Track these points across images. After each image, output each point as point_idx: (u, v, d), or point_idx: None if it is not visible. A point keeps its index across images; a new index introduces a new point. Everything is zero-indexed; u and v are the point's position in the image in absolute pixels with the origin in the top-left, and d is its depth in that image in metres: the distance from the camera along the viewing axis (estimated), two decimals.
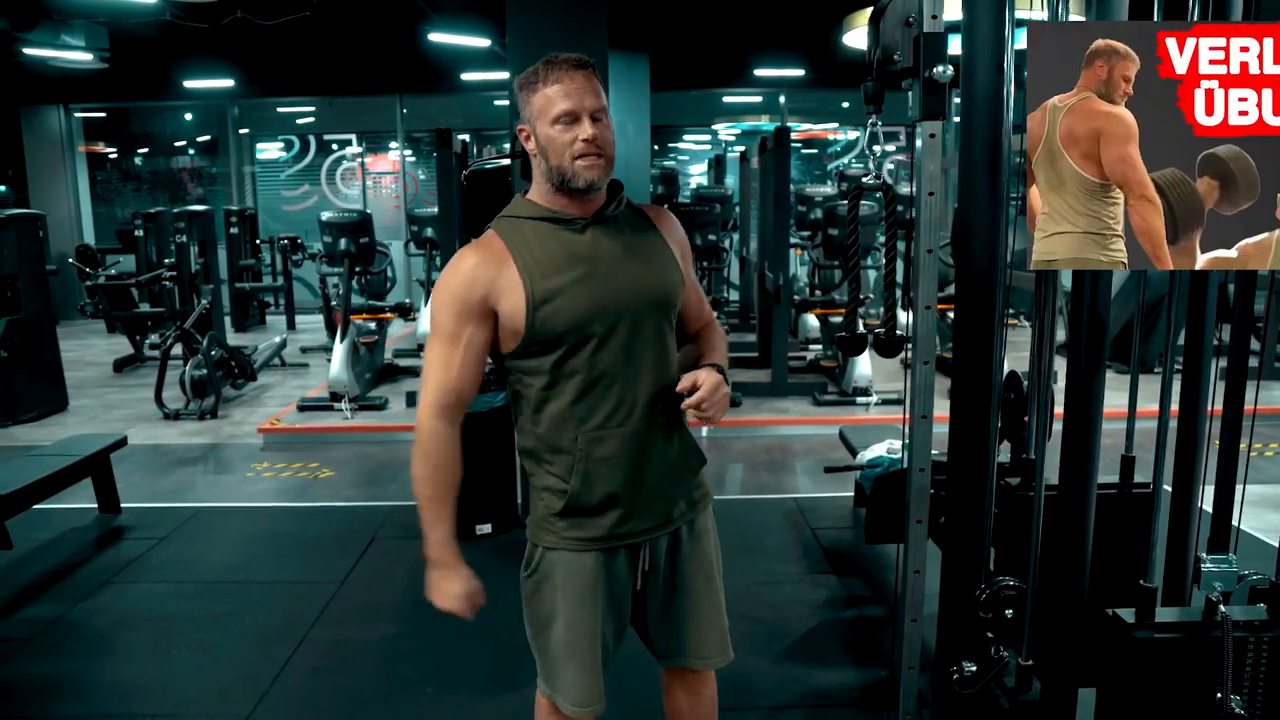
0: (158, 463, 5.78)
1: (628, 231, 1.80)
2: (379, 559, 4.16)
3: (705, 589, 1.93)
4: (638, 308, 1.76)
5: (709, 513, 1.96)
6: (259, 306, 11.63)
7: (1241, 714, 1.78)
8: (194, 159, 13.68)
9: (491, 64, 10.88)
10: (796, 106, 13.06)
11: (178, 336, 7.04)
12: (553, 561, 1.84)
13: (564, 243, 1.73)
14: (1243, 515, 2.09)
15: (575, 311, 1.71)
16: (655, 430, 1.79)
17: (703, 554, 1.93)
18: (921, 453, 1.98)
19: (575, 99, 1.67)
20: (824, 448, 5.76)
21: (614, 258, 1.75)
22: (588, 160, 1.69)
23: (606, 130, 1.70)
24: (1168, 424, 2.00)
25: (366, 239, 6.93)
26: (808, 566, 3.99)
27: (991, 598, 2.15)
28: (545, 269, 1.71)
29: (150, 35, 10.18)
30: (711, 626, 1.94)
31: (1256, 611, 1.87)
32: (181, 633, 3.44)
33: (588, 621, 1.84)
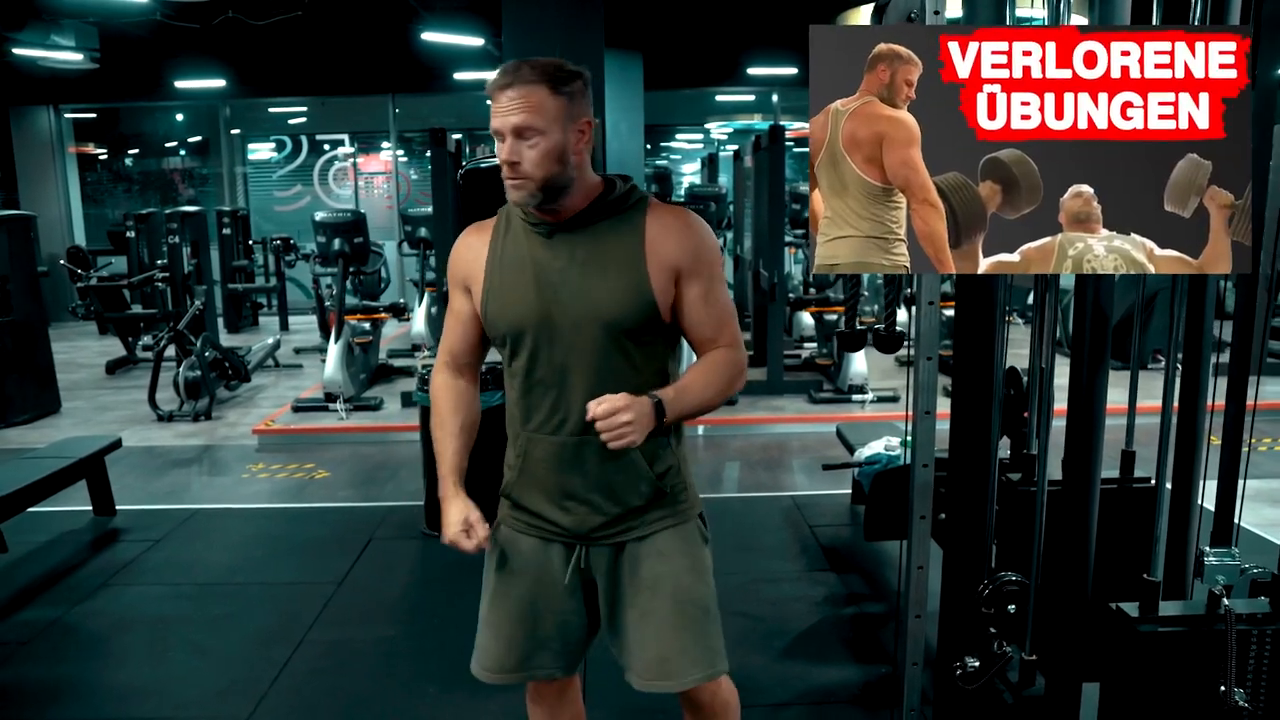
0: (152, 465, 5.76)
1: (598, 242, 1.74)
2: (376, 559, 4.15)
3: (650, 605, 1.83)
4: (578, 321, 1.72)
5: (674, 535, 1.85)
6: (252, 307, 11.61)
7: (1245, 707, 1.79)
8: (185, 160, 13.65)
9: (485, 63, 10.86)
10: (790, 105, 13.07)
11: (171, 338, 7.02)
12: (499, 535, 1.92)
13: (529, 245, 1.75)
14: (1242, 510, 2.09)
15: (512, 315, 1.76)
16: (589, 447, 1.75)
17: (651, 573, 1.83)
18: (925, 449, 1.98)
19: (500, 118, 1.65)
20: (820, 445, 5.76)
21: (568, 268, 1.72)
22: (510, 181, 1.67)
23: (532, 149, 1.64)
24: (1170, 419, 2.00)
25: (360, 239, 6.91)
26: (806, 564, 3.99)
27: (994, 593, 2.15)
28: (505, 267, 1.77)
29: (141, 35, 10.16)
30: (647, 646, 1.84)
31: (1259, 604, 1.87)
32: (179, 635, 3.43)
33: (509, 595, 1.88)
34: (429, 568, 4.08)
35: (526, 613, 1.88)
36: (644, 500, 1.82)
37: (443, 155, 6.20)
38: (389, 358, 8.26)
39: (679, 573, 1.85)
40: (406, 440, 5.79)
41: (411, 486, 5.01)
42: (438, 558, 4.15)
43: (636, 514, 1.83)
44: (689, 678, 1.84)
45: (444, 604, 3.63)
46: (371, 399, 6.84)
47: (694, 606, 1.85)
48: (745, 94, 13.11)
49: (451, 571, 3.97)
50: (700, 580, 1.88)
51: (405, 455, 5.65)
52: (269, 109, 13.24)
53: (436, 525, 4.73)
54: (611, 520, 1.83)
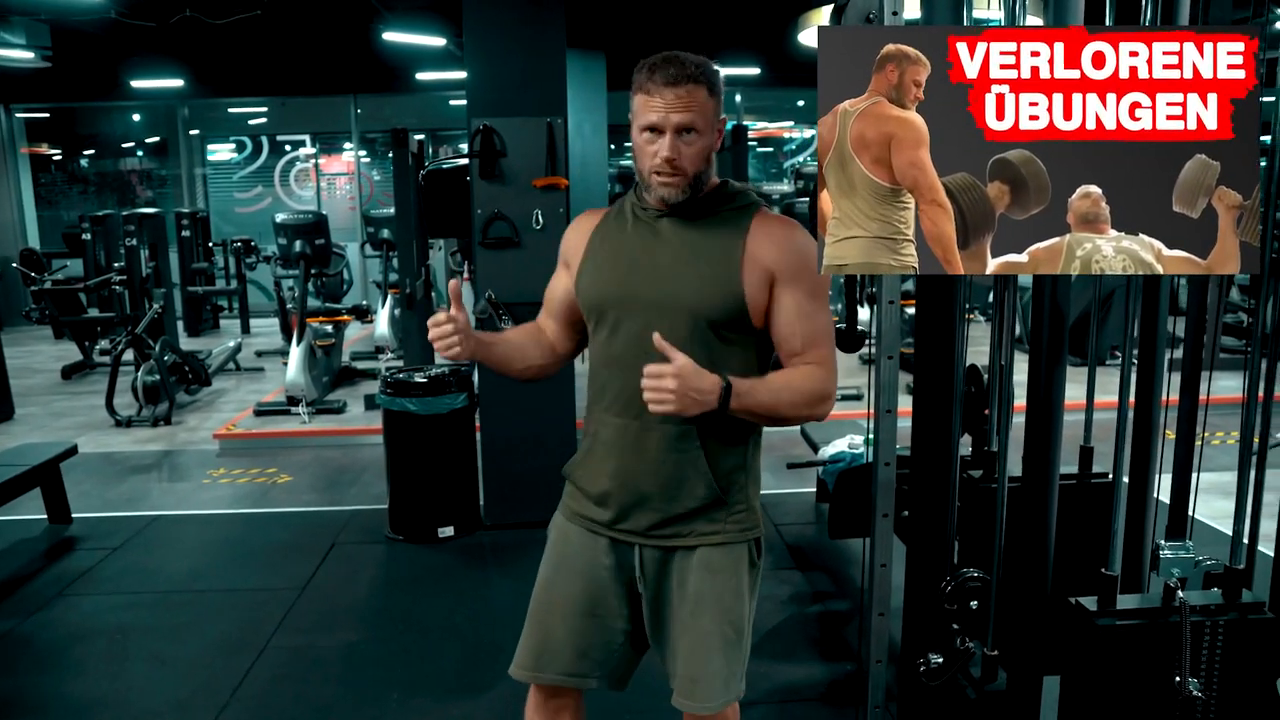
0: (110, 471, 5.66)
1: (700, 232, 1.76)
2: (340, 564, 4.11)
3: (690, 622, 1.79)
4: (661, 304, 1.73)
5: (726, 552, 1.80)
6: (212, 310, 11.44)
7: (1199, 696, 1.82)
8: (143, 161, 13.44)
9: (447, 63, 10.80)
10: (753, 105, 13.14)
11: (129, 342, 6.90)
12: (554, 523, 1.92)
13: (635, 227, 1.80)
14: (1196, 506, 2.13)
15: (598, 290, 1.79)
16: (653, 434, 1.74)
17: (697, 589, 1.78)
18: (887, 447, 1.99)
19: (661, 113, 1.66)
20: (784, 444, 5.78)
21: (665, 251, 1.76)
22: (664, 178, 1.70)
23: (691, 146, 1.69)
24: (1127, 415, 2.03)
25: (322, 240, 6.85)
26: (772, 563, 4.01)
27: (956, 590, 2.17)
28: (605, 245, 1.82)
29: (95, 33, 9.97)
30: (681, 662, 1.80)
31: (1212, 596, 1.91)
32: (138, 644, 3.37)
33: (557, 588, 1.85)
34: (393, 572, 4.05)
35: (562, 602, 1.83)
36: (700, 503, 1.77)
37: (405, 156, 6.15)
38: (352, 360, 8.18)
39: (723, 593, 1.80)
40: (370, 443, 5.75)
41: (375, 490, 4.97)
42: (402, 562, 4.12)
43: (690, 517, 1.78)
44: (717, 702, 1.80)
45: (408, 609, 3.60)
46: (334, 402, 6.77)
47: (732, 629, 1.81)
48: None
49: (416, 576, 3.95)
50: (742, 603, 1.83)
51: (369, 458, 5.60)
52: (228, 109, 13.07)
53: (401, 529, 4.70)
54: (664, 521, 1.78)
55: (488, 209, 4.18)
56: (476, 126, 4.12)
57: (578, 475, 1.87)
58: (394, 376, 4.27)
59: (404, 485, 4.33)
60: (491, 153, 4.12)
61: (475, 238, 4.21)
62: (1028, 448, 2.00)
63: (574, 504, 1.88)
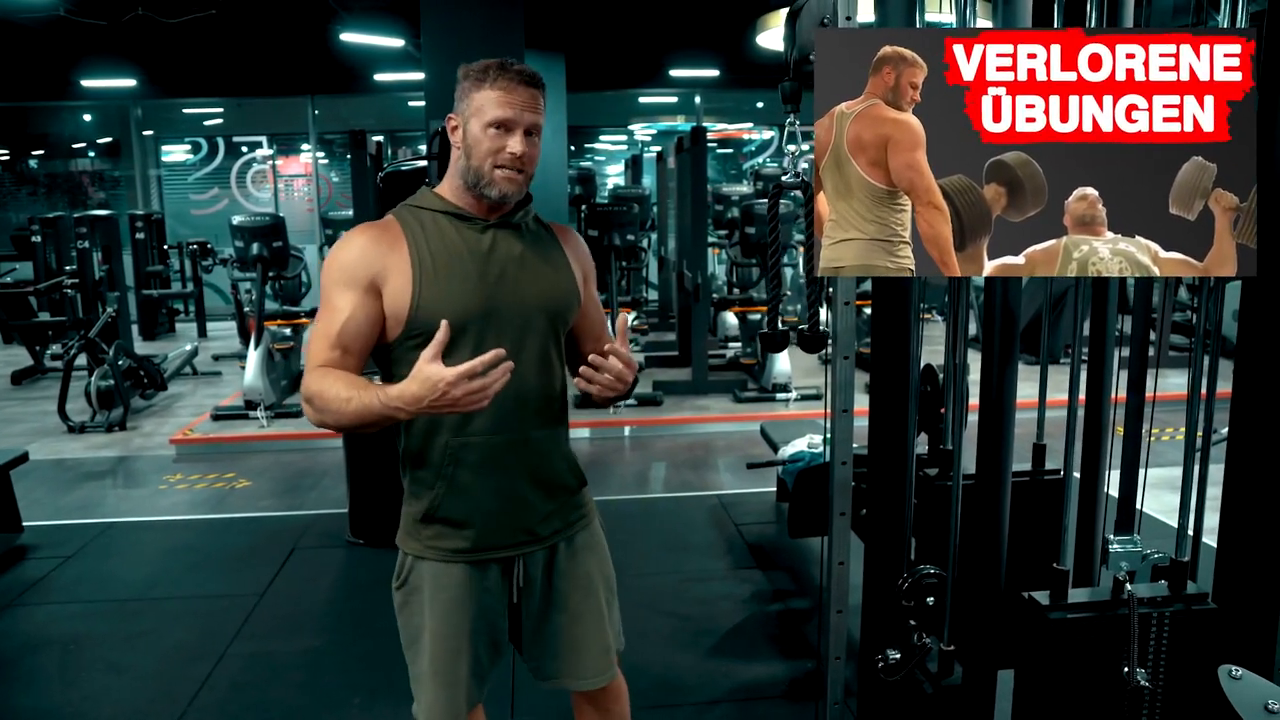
0: (62, 478, 5.56)
1: (529, 240, 1.80)
2: (300, 569, 4.07)
3: (584, 605, 1.87)
4: (524, 313, 1.74)
5: (592, 530, 1.92)
6: (168, 314, 11.27)
7: (1146, 686, 1.87)
8: (95, 161, 13.19)
9: (406, 64, 10.74)
10: (712, 106, 13.19)
11: (82, 346, 6.78)
12: (421, 572, 1.80)
13: (462, 238, 1.73)
14: (1146, 501, 2.18)
15: (457, 305, 1.68)
16: (530, 442, 1.77)
17: (581, 570, 1.88)
18: (843, 447, 2.02)
19: (515, 110, 1.68)
20: (745, 444, 5.83)
21: (509, 261, 1.75)
22: (507, 173, 1.69)
23: (534, 149, 1.72)
24: (1076, 411, 2.07)
25: (280, 243, 6.77)
26: (733, 562, 4.04)
27: (913, 586, 2.21)
28: (436, 259, 1.71)
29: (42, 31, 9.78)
30: (589, 645, 1.88)
31: (1159, 588, 1.96)
32: (93, 654, 3.32)
33: (454, 637, 1.79)
34: (354, 576, 4.02)
35: (466, 647, 1.80)
36: (570, 491, 1.86)
37: (363, 158, 6.11)
38: None
39: (603, 564, 1.93)
40: (330, 447, 5.70)
41: (335, 494, 4.93)
42: (363, 566, 4.10)
43: (566, 508, 1.85)
44: (615, 663, 1.94)
45: (369, 613, 3.58)
46: (293, 406, 6.70)
47: (612, 594, 1.95)
48: (668, 95, 13.18)
49: (377, 580, 3.91)
50: (609, 566, 1.96)
51: (329, 462, 5.56)
52: (183, 110, 12.88)
53: (361, 533, 4.67)
54: (546, 517, 1.82)
55: None
56: (435, 129, 4.10)
57: (446, 512, 1.77)
58: None
59: (364, 489, 4.31)
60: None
61: None
62: (981, 447, 2.03)
63: (444, 543, 1.78)
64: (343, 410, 1.59)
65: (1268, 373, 1.95)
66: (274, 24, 10.37)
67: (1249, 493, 2.02)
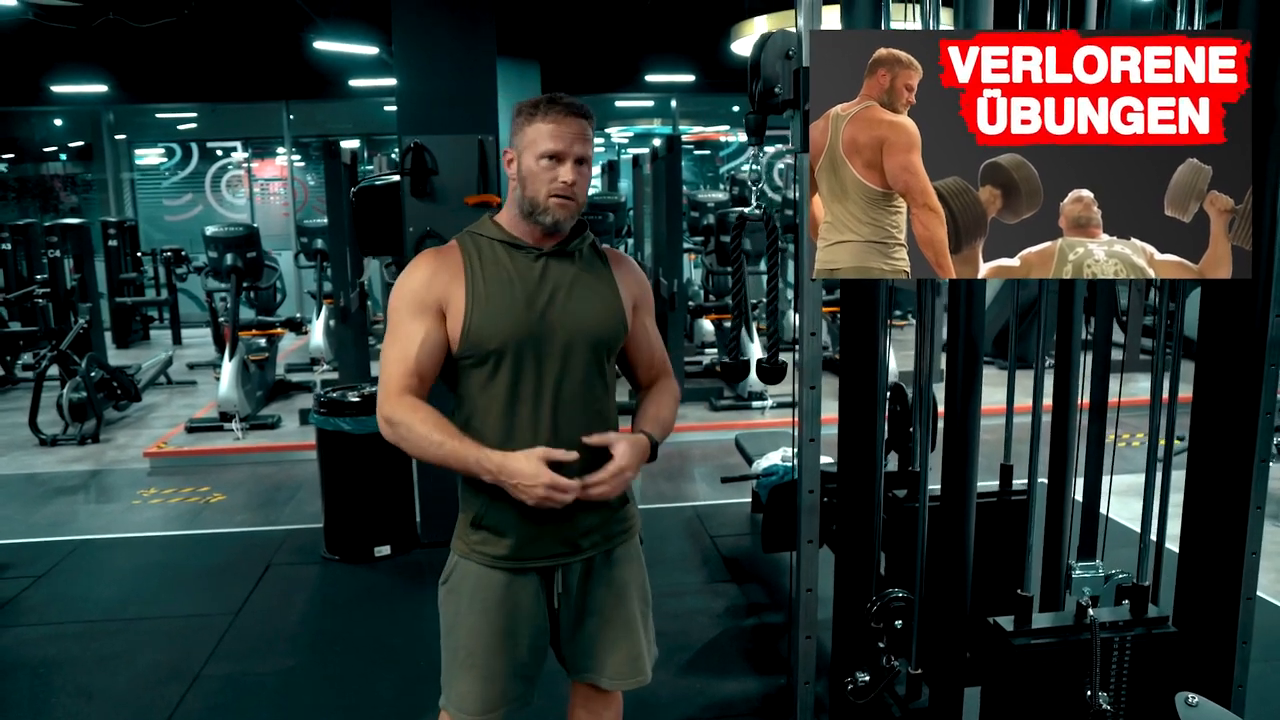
0: (33, 493, 5.50)
1: (581, 268, 1.87)
2: (276, 586, 4.06)
3: (615, 611, 1.95)
4: (570, 339, 1.82)
5: (631, 544, 1.99)
6: (142, 321, 11.17)
7: (1108, 710, 1.90)
8: (67, 166, 13.05)
9: (380, 71, 10.69)
10: (688, 110, 13.23)
11: (54, 357, 6.72)
12: (464, 571, 1.90)
13: (515, 266, 1.82)
14: (1112, 506, 2.21)
15: (505, 329, 1.78)
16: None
17: (617, 578, 1.95)
18: (810, 474, 2.04)
19: (565, 141, 1.75)
20: (721, 454, 5.85)
21: (559, 288, 1.83)
22: (560, 201, 1.78)
23: (584, 178, 1.80)
24: (1040, 422, 2.08)
25: (254, 253, 6.74)
26: (708, 575, 4.05)
27: (882, 609, 2.23)
28: (490, 285, 1.80)
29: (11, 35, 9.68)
30: (618, 647, 1.96)
31: (1121, 612, 1.99)
32: (64, 678, 3.29)
33: (488, 633, 1.87)
34: (330, 594, 4.01)
35: (506, 645, 1.89)
36: (615, 507, 1.92)
37: (337, 168, 6.08)
38: (287, 373, 8.07)
39: (639, 576, 2.01)
40: (305, 459, 5.68)
41: (311, 508, 4.91)
42: (339, 583, 4.09)
43: (610, 522, 1.92)
44: (648, 671, 2.00)
45: (346, 631, 3.58)
46: (269, 417, 6.67)
47: (647, 605, 2.03)
48: (644, 100, 13.20)
49: (353, 597, 3.92)
50: (646, 580, 2.04)
51: (304, 474, 5.53)
52: (156, 114, 12.76)
53: (337, 549, 4.65)
54: (588, 531, 1.89)
55: (420, 227, 4.16)
56: (407, 144, 4.11)
57: (491, 521, 1.86)
58: (328, 395, 4.23)
59: (339, 505, 4.29)
60: (423, 171, 4.10)
61: (408, 256, 4.19)
62: (945, 472, 2.06)
63: (487, 549, 1.87)
64: (428, 450, 1.76)
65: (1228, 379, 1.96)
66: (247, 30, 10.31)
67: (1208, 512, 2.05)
